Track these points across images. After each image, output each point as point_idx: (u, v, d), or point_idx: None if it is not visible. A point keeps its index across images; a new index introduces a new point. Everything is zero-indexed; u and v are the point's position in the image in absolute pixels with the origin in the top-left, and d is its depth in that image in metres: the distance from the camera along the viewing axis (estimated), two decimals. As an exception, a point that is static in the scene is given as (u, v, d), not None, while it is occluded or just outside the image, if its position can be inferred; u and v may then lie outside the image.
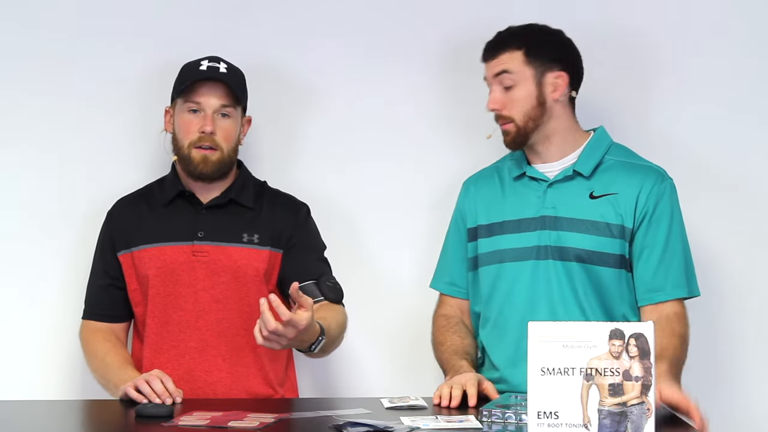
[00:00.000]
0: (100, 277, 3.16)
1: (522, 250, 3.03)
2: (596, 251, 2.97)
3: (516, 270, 3.02)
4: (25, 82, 3.42)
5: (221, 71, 3.08)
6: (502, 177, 3.14)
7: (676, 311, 2.93)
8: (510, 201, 3.09)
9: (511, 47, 3.02)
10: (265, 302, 2.66)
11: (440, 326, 3.13)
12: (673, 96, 3.43)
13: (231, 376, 3.07)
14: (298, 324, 2.68)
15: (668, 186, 3.00)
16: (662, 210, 2.97)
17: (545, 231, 3.01)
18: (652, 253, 2.96)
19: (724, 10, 3.43)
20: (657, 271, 2.95)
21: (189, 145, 3.07)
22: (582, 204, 3.00)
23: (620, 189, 3.00)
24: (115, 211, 3.20)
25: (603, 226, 2.98)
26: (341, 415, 2.61)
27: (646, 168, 3.04)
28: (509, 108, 3.02)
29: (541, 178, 3.06)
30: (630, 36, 3.44)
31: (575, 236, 2.98)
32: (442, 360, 3.06)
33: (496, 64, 3.03)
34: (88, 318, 3.17)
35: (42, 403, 3.14)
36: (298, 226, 3.15)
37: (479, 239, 3.11)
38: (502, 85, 3.02)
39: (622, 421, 2.25)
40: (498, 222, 3.08)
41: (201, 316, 3.07)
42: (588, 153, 3.05)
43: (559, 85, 3.03)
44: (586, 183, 3.03)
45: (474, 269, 3.12)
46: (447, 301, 3.18)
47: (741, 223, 3.41)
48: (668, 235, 2.97)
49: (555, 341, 2.29)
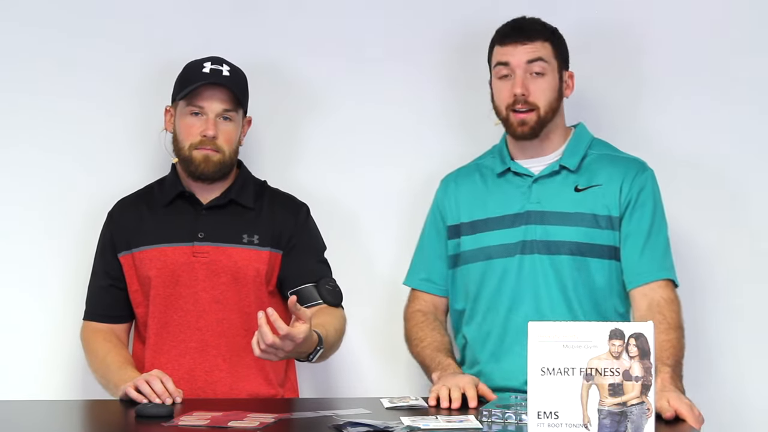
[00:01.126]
0: (101, 277, 3.16)
1: (508, 246, 3.05)
2: (587, 243, 3.01)
3: (502, 266, 3.04)
4: (25, 82, 3.43)
5: (224, 74, 3.08)
6: (484, 174, 3.15)
7: (665, 296, 2.95)
8: (494, 197, 3.10)
9: (543, 37, 3.06)
10: (263, 315, 2.66)
11: (417, 322, 3.13)
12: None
13: (231, 376, 3.07)
14: (295, 338, 2.69)
15: (649, 175, 3.06)
16: (645, 197, 3.02)
17: (531, 226, 3.03)
18: (637, 238, 3.00)
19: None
20: (642, 254, 2.99)
21: (190, 147, 3.07)
22: (568, 198, 3.04)
23: (604, 180, 3.04)
24: (115, 212, 3.20)
25: (590, 218, 3.01)
26: (341, 415, 2.61)
27: (628, 159, 3.10)
28: (535, 95, 3.03)
29: (525, 173, 3.08)
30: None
31: (564, 229, 3.01)
32: (424, 356, 3.06)
33: (531, 50, 3.03)
34: (89, 319, 3.17)
35: (42, 403, 3.14)
36: (298, 226, 3.15)
37: (462, 236, 3.12)
38: (531, 71, 3.03)
39: (622, 421, 2.25)
40: (482, 219, 3.10)
41: (201, 316, 3.07)
42: (572, 148, 3.09)
43: (570, 84, 3.11)
44: (571, 177, 3.06)
45: (454, 267, 3.13)
46: (421, 297, 3.18)
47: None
48: (652, 221, 3.01)
49: (555, 341, 2.28)
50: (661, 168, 3.14)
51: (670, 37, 3.45)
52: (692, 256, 3.37)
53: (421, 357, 3.07)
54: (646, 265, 2.98)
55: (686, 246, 3.33)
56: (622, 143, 3.18)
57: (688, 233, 3.35)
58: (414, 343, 3.11)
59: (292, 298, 2.71)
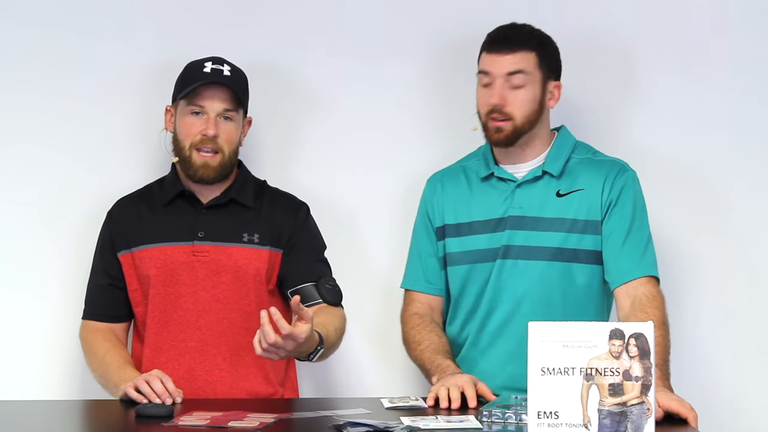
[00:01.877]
0: (100, 277, 3.16)
1: (490, 250, 3.05)
2: (568, 248, 3.01)
3: (485, 271, 3.05)
4: (25, 82, 3.43)
5: (225, 74, 3.08)
6: (469, 177, 3.16)
7: (647, 293, 2.93)
8: (478, 201, 3.11)
9: (528, 47, 3.04)
10: (265, 314, 2.66)
11: (414, 325, 3.13)
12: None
13: (231, 376, 3.07)
14: (297, 337, 2.69)
15: (630, 176, 3.06)
16: (626, 198, 3.02)
17: (514, 231, 3.03)
18: (618, 237, 2.99)
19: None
20: (623, 252, 2.98)
21: (190, 146, 3.07)
22: (549, 203, 3.04)
23: (585, 184, 3.04)
24: (114, 211, 3.20)
25: (572, 223, 3.01)
26: (341, 415, 2.61)
27: (609, 162, 3.10)
28: (512, 106, 3.03)
29: (509, 178, 3.09)
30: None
31: (545, 235, 3.01)
32: (423, 359, 3.06)
33: (512, 61, 3.03)
34: (88, 318, 3.17)
35: (42, 403, 3.14)
36: (298, 225, 3.15)
37: (447, 238, 3.13)
38: (511, 83, 3.03)
39: (622, 421, 2.25)
40: (467, 222, 3.10)
41: (201, 315, 3.07)
42: (555, 153, 3.09)
43: (555, 95, 3.09)
44: (553, 182, 3.06)
45: (443, 268, 3.14)
46: (417, 299, 3.18)
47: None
48: (632, 220, 3.01)
49: (555, 341, 2.28)
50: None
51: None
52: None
53: (420, 360, 3.07)
54: (626, 262, 2.97)
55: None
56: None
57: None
58: (412, 347, 3.11)
59: (296, 298, 2.71)
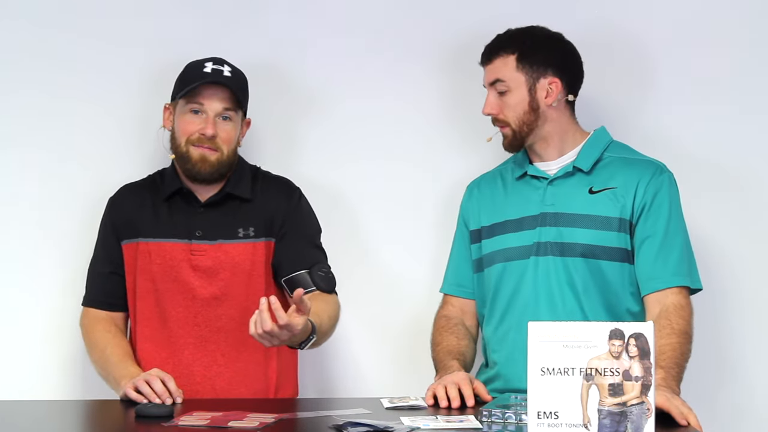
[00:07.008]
0: (102, 264, 3.16)
1: (524, 248, 3.04)
2: (598, 245, 2.99)
3: (519, 268, 3.04)
4: (25, 82, 3.43)
5: (225, 74, 3.08)
6: (505, 178, 3.17)
7: (676, 303, 2.93)
8: (512, 200, 3.11)
9: (505, 52, 3.06)
10: (265, 302, 2.68)
11: (440, 327, 3.14)
12: (674, 96, 3.43)
13: (230, 371, 3.07)
14: (293, 329, 2.71)
15: (666, 178, 3.03)
16: (660, 201, 3.00)
17: (545, 228, 3.02)
18: (651, 243, 2.97)
19: (724, 9, 3.44)
20: (656, 259, 2.96)
21: (187, 143, 3.07)
22: (582, 199, 3.02)
23: (619, 183, 3.02)
24: (117, 198, 3.20)
25: (603, 220, 2.99)
26: (341, 415, 2.61)
27: (645, 162, 3.07)
28: (504, 112, 3.07)
29: (541, 176, 3.08)
30: (630, 36, 3.44)
31: (576, 231, 3.00)
32: (436, 360, 3.07)
33: (490, 71, 3.08)
34: (89, 305, 3.17)
35: (42, 403, 3.14)
36: (290, 210, 3.14)
37: (483, 240, 3.12)
38: (498, 90, 3.06)
39: (621, 421, 2.25)
40: (500, 222, 3.10)
41: (199, 311, 3.07)
42: (587, 150, 3.08)
43: (551, 91, 3.05)
44: (586, 179, 3.05)
45: (479, 271, 3.14)
46: (450, 302, 3.19)
47: (743, 221, 3.41)
48: (667, 225, 2.98)
49: (555, 341, 2.28)
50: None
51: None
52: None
53: (435, 361, 3.09)
54: (659, 271, 2.95)
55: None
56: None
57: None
58: (432, 348, 3.12)
59: (299, 291, 2.72)
